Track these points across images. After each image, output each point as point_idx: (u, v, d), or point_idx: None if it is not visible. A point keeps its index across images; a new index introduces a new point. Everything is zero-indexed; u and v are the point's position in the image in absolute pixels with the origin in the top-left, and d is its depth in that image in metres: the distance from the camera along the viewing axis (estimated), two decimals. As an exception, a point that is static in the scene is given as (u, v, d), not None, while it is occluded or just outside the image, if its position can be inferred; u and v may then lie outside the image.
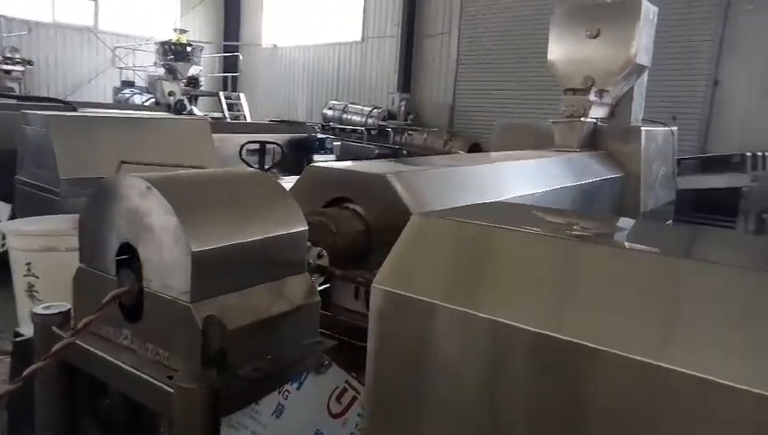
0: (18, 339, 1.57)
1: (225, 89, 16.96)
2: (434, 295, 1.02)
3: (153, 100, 13.23)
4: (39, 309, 1.47)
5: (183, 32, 14.19)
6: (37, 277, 3.08)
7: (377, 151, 11.16)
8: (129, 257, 1.33)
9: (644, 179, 3.38)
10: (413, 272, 1.06)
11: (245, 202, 1.39)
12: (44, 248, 3.07)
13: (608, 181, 3.13)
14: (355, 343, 1.61)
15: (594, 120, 3.47)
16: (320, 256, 1.53)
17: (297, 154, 6.60)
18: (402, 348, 1.05)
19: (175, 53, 13.69)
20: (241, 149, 5.50)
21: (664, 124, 4.03)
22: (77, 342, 1.38)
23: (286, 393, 1.29)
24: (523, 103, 12.59)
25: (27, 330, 3.24)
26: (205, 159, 5.20)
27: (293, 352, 1.35)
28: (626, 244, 1.12)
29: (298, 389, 1.31)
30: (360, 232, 1.82)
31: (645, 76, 3.92)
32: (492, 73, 13.32)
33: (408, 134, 12.55)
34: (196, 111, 13.01)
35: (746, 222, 7.41)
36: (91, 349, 1.32)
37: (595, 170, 3.09)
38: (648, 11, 3.59)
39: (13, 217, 4.71)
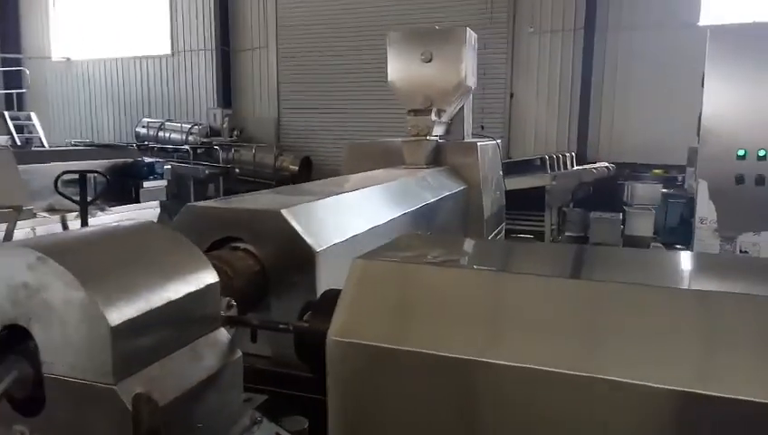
0: None
1: (9, 108, 14.77)
2: (388, 339, 1.04)
3: None
4: None
5: (-55, 42, 12.09)
6: None
7: (207, 172, 10.64)
8: (13, 341, 1.13)
9: (484, 189, 3.75)
10: (364, 319, 1.07)
11: (150, 259, 1.27)
12: None
13: (458, 193, 3.41)
14: (262, 389, 1.56)
15: (436, 138, 3.75)
16: (229, 306, 1.46)
17: (123, 182, 6.03)
18: (363, 395, 1.06)
19: (-63, 67, 11.63)
20: (56, 180, 4.87)
21: (491, 138, 4.51)
22: (-54, 451, 1.14)
23: (228, 460, 1.21)
24: (350, 118, 13.02)
25: None
26: (12, 196, 4.53)
27: (225, 415, 1.27)
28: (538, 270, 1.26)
29: (236, 454, 1.24)
30: (255, 272, 1.77)
31: (470, 95, 4.35)
32: (315, 88, 13.55)
33: (236, 150, 12.19)
34: (-23, 135, 11.16)
35: (551, 215, 8.59)
36: (-24, 457, 1.10)
37: (447, 184, 3.35)
38: (471, 37, 3.99)
39: None
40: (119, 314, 1.07)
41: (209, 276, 1.34)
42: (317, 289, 1.72)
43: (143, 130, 13.92)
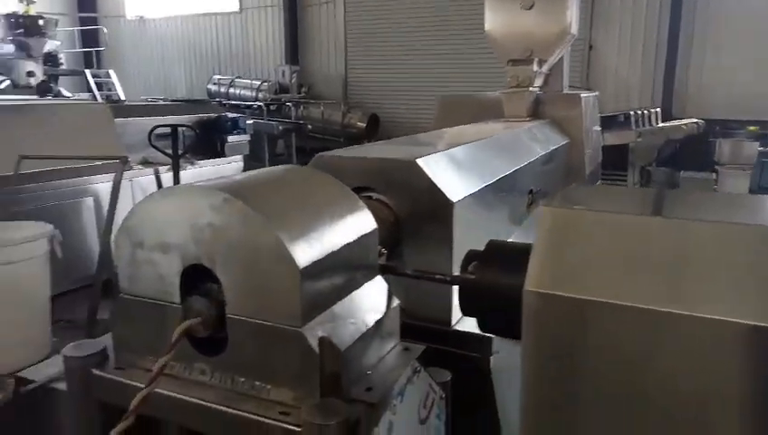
0: (31, 386, 1.31)
1: (89, 66, 15.31)
2: (591, 292, 0.98)
3: (8, 82, 11.63)
4: (70, 350, 1.23)
5: (30, 2, 12.53)
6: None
7: (281, 128, 10.76)
8: (197, 281, 1.14)
9: (585, 143, 3.57)
10: (564, 270, 1.02)
11: (319, 204, 1.25)
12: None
13: (561, 148, 3.26)
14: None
15: (537, 89, 3.58)
16: (381, 254, 1.43)
17: (209, 136, 6.17)
18: (560, 349, 1.01)
19: (24, 26, 12.09)
20: (150, 134, 5.02)
21: (589, 90, 4.27)
22: (132, 383, 1.18)
23: (394, 408, 1.20)
24: (418, 74, 12.73)
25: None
26: (110, 148, 4.70)
27: (389, 363, 1.25)
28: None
29: (401, 401, 1.23)
30: (391, 223, 1.73)
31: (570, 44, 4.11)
32: (384, 43, 13.30)
33: (305, 107, 12.24)
34: (64, 92, 11.67)
35: (634, 174, 8.20)
36: (165, 392, 1.13)
37: (552, 138, 3.21)
38: (575, -20, 3.74)
39: None
40: (305, 256, 1.05)
41: (370, 223, 1.31)
42: (453, 240, 1.67)
43: (214, 87, 14.16)
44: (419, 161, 1.70)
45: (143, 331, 1.20)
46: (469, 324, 1.74)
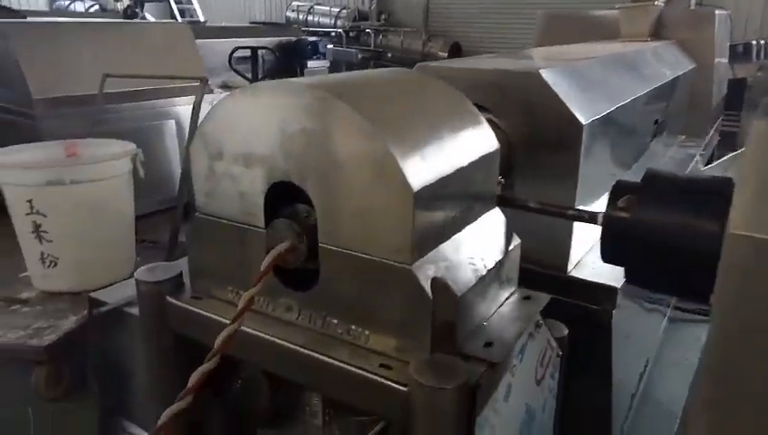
0: (104, 309, 1.20)
1: (169, -9, 15.32)
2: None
3: (97, 6, 11.88)
4: (143, 274, 1.09)
5: (117, -71, 12.55)
6: (44, 216, 2.61)
7: (360, 56, 10.41)
8: (285, 201, 0.95)
9: (715, 70, 3.07)
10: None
11: (436, 115, 1.00)
12: (48, 182, 2.58)
13: (687, 74, 2.80)
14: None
15: (662, 4, 3.08)
16: (498, 183, 1.18)
17: (288, 60, 5.97)
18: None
19: (111, -47, 12.17)
20: (230, 56, 4.87)
21: (721, 7, 3.67)
22: (211, 316, 1.03)
23: (514, 369, 0.98)
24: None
25: (45, 283, 2.82)
26: (191, 68, 4.60)
27: (509, 313, 1.03)
28: None
29: (521, 361, 1.01)
30: (503, 148, 1.47)
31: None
32: (470, -36, 12.39)
33: (384, 35, 11.76)
34: (149, 17, 11.79)
35: (749, 114, 7.31)
36: (246, 329, 0.97)
37: (680, 61, 2.76)
38: None
39: (-21, 146, 4.09)
40: (420, 177, 0.82)
41: (492, 142, 1.06)
42: (578, 170, 1.39)
43: (292, 14, 13.86)
44: (544, 73, 1.40)
45: (222, 257, 1.03)
46: (587, 272, 1.48)
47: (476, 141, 1.01)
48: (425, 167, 0.84)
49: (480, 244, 1.00)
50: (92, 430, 2.21)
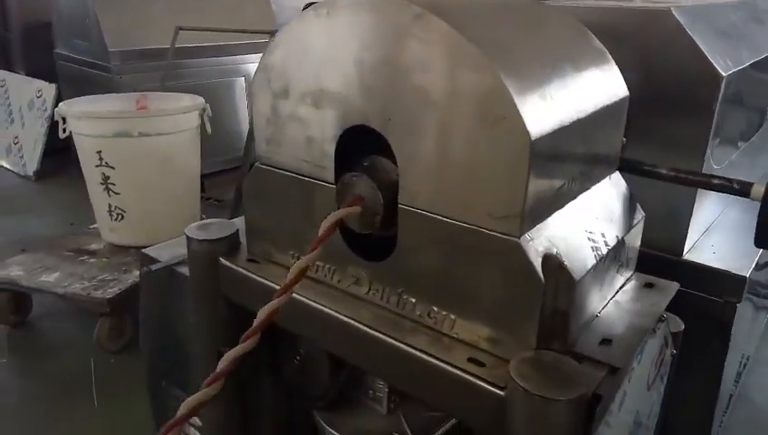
0: (154, 267, 1.09)
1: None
2: None
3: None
4: (195, 230, 0.96)
5: None
6: (112, 168, 2.59)
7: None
8: (360, 151, 0.78)
9: None
10: None
11: (555, 49, 0.79)
12: (116, 133, 2.54)
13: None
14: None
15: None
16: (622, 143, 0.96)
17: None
18: None
19: None
20: (304, 9, 4.70)
21: None
22: (267, 283, 0.88)
23: (631, 373, 0.79)
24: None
25: (112, 236, 2.83)
26: (264, 23, 4.50)
27: (627, 303, 0.83)
28: None
29: (639, 362, 0.81)
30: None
31: None
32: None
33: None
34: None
35: None
36: (305, 300, 0.81)
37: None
38: None
39: (59, 98, 4.18)
40: (539, 124, 0.63)
41: (621, 87, 0.84)
42: (710, 132, 1.14)
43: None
44: (677, 12, 1.15)
45: (283, 216, 0.88)
46: (707, 256, 1.24)
47: (604, 86, 0.80)
48: (545, 110, 0.65)
49: (599, 215, 0.79)
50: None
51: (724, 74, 1.12)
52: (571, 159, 0.72)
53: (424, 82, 0.66)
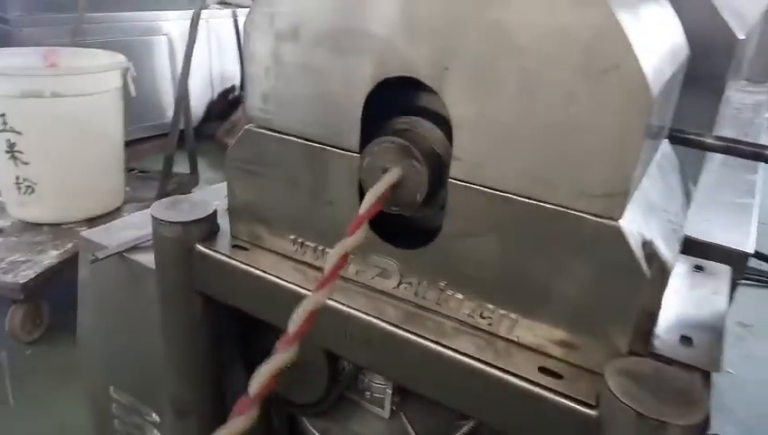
0: (102, 255, 0.87)
1: None
2: None
3: None
4: (162, 210, 0.76)
5: None
6: (19, 133, 2.23)
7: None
8: (402, 109, 0.62)
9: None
10: None
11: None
12: (24, 93, 2.19)
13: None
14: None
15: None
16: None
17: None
18: None
19: None
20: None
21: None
22: (266, 275, 0.71)
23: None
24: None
25: (21, 211, 2.45)
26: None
27: (691, 292, 0.73)
28: None
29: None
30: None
31: None
32: None
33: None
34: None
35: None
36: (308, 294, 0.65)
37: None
38: None
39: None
40: (656, 77, 0.49)
41: (684, 46, 0.72)
42: (720, 100, 1.07)
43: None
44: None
45: (282, 191, 0.71)
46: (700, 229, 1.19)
47: (679, 39, 0.68)
48: (657, 58, 0.51)
49: (665, 192, 0.68)
50: (73, 375, 1.94)
51: (740, 38, 1.04)
52: (663, 121, 0.60)
53: (504, 18, 0.51)
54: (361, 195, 0.63)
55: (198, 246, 0.75)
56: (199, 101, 4.46)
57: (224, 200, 0.78)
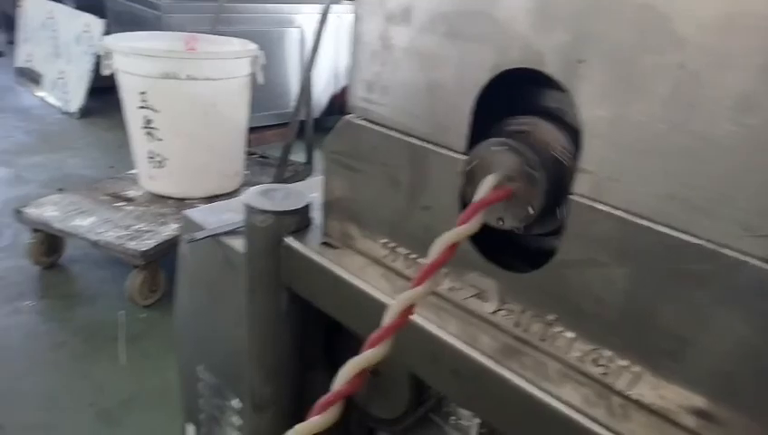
0: (199, 236, 0.87)
1: None
2: None
3: None
4: (257, 197, 0.73)
5: None
6: (156, 111, 2.39)
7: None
8: (508, 112, 0.53)
9: None
10: None
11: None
12: (163, 74, 2.33)
13: None
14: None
15: None
16: None
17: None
18: None
19: None
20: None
21: None
22: (351, 280, 0.65)
23: None
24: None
25: (151, 184, 2.64)
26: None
27: None
28: None
29: None
30: None
31: None
32: None
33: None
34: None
35: None
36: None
37: None
38: None
39: (107, 35, 4.00)
40: None
41: None
42: None
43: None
44: None
45: (378, 190, 0.65)
46: None
47: None
48: None
49: None
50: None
51: None
52: None
53: (660, 2, 0.41)
54: (463, 204, 0.55)
55: (287, 238, 0.71)
56: (324, 93, 4.57)
57: (319, 193, 0.74)
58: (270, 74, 2.86)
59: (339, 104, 4.68)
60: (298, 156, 3.33)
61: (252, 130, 2.94)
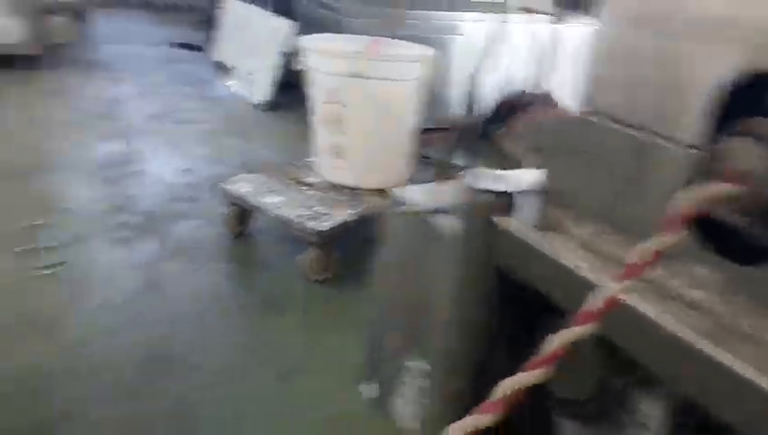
0: (406, 209, 0.99)
1: None
2: None
3: None
4: (476, 179, 0.82)
5: None
6: (343, 106, 2.62)
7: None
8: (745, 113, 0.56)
9: None
10: None
11: None
12: (351, 73, 2.56)
13: None
14: None
15: None
16: None
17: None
18: None
19: None
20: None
21: None
22: (561, 261, 0.72)
23: None
24: None
25: (329, 173, 2.89)
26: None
27: None
28: None
29: None
30: None
31: None
32: None
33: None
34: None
35: None
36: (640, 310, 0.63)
37: None
38: None
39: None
40: None
41: None
42: None
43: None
44: None
45: (597, 181, 0.70)
46: None
47: None
48: None
49: None
50: (344, 316, 2.22)
51: None
52: None
53: None
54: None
55: (498, 220, 0.80)
56: (487, 102, 4.61)
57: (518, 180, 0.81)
58: (436, 79, 2.98)
59: (501, 113, 4.69)
60: (458, 160, 3.43)
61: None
